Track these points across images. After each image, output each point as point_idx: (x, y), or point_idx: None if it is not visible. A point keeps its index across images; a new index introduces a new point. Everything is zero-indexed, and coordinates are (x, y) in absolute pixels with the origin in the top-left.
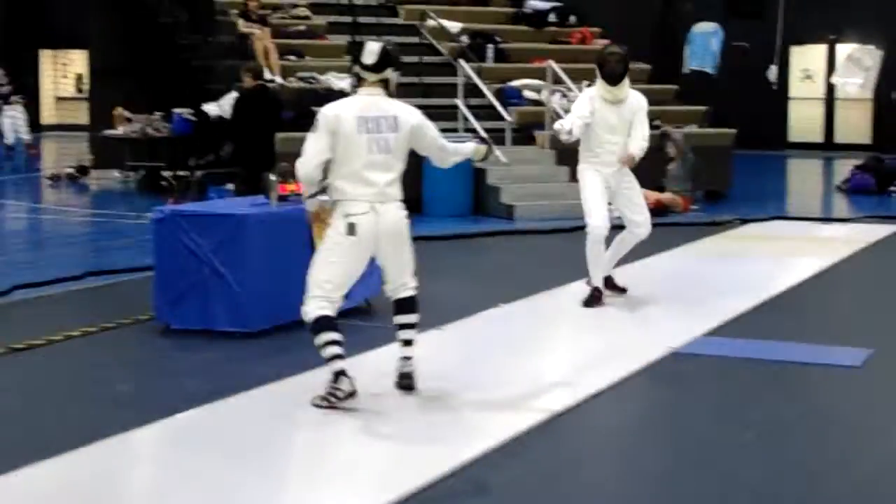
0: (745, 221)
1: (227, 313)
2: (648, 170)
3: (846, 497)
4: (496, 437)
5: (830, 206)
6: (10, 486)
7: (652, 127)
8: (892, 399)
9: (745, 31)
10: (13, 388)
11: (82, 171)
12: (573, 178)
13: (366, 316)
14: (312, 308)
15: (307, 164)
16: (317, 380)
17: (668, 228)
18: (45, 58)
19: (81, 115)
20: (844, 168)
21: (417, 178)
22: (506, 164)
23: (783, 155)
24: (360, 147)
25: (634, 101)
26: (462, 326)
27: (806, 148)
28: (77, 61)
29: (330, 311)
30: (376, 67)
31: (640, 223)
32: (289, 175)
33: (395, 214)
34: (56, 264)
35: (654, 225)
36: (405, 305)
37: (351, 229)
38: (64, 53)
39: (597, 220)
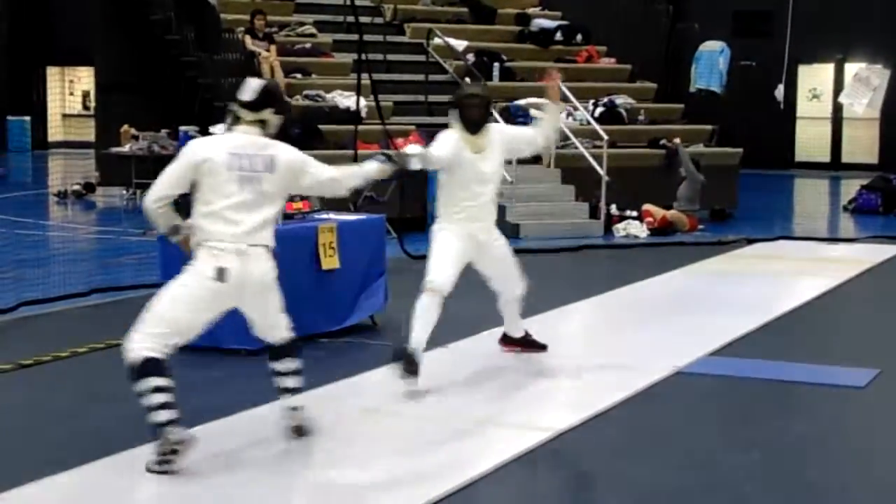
0: (751, 241)
1: (233, 331)
2: (656, 187)
3: None
4: (500, 456)
5: (837, 226)
6: (17, 501)
7: (658, 146)
8: (894, 418)
9: (752, 50)
10: (21, 404)
11: (89, 188)
12: (579, 196)
13: (371, 333)
14: (141, 346)
15: (149, 197)
16: (322, 398)
17: (674, 248)
18: (52, 75)
19: (88, 132)
20: (851, 188)
21: (423, 197)
22: (429, 170)
23: (790, 174)
24: (229, 185)
25: (498, 137)
26: (468, 344)
27: (813, 167)
28: (84, 78)
29: (160, 356)
30: (253, 105)
31: (508, 290)
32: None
33: (264, 265)
34: (62, 281)
35: (661, 244)
36: (281, 351)
37: (220, 275)
38: (71, 70)
39: (438, 276)
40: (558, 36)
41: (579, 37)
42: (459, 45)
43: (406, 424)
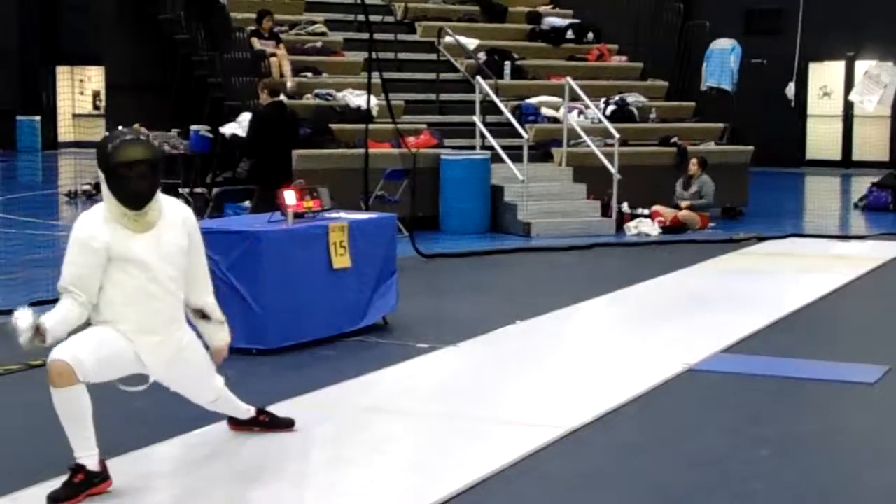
0: (762, 239)
1: (244, 330)
2: (668, 185)
3: None
4: (511, 454)
5: (847, 223)
6: (29, 503)
7: (670, 144)
8: None
9: (762, 48)
10: (31, 404)
11: (99, 188)
12: (590, 194)
13: (383, 333)
14: None
15: None
16: (331, 397)
17: (686, 246)
18: (62, 74)
19: (98, 132)
20: (862, 185)
21: (435, 196)
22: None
23: (801, 172)
24: None
25: (178, 217)
26: (479, 343)
27: (824, 165)
28: (94, 78)
29: None
30: None
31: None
32: (305, 192)
33: None
34: None
35: (673, 242)
36: None
37: None
38: (81, 70)
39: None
40: (569, 34)
41: (590, 35)
42: (471, 43)
43: (417, 423)
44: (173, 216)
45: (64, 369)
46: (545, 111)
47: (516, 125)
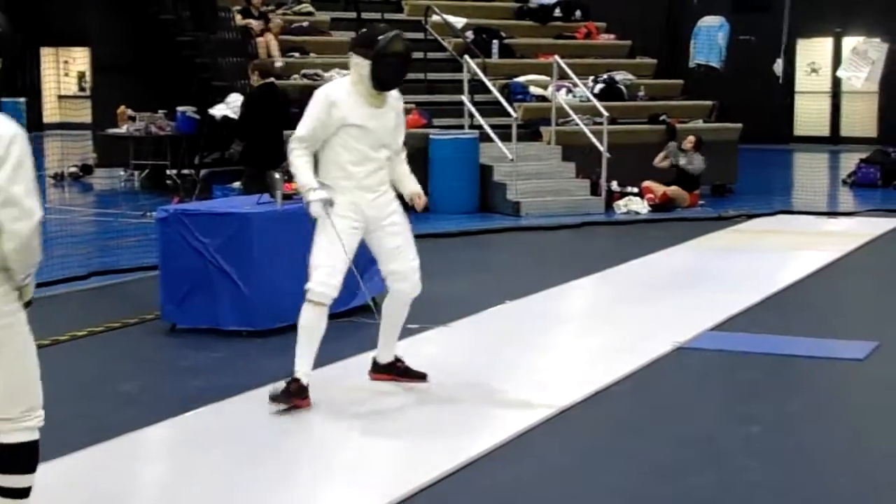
0: (751, 216)
1: (233, 312)
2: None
3: (849, 489)
4: (503, 434)
5: (836, 199)
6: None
7: (658, 122)
8: (892, 390)
9: (750, 25)
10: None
11: (86, 169)
12: (579, 173)
13: (371, 314)
14: None
15: None
16: (323, 378)
17: (675, 223)
18: (47, 56)
19: (84, 113)
20: (850, 162)
21: (424, 175)
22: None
23: (789, 149)
24: None
25: (395, 100)
26: (469, 323)
27: (812, 142)
28: (79, 59)
29: None
30: None
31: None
32: None
33: None
34: (61, 264)
35: (662, 220)
36: (6, 457)
37: None
38: (66, 51)
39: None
40: (557, 12)
41: (578, 13)
42: (458, 22)
43: (408, 403)
44: (395, 102)
45: (322, 298)
46: (534, 90)
47: (505, 104)
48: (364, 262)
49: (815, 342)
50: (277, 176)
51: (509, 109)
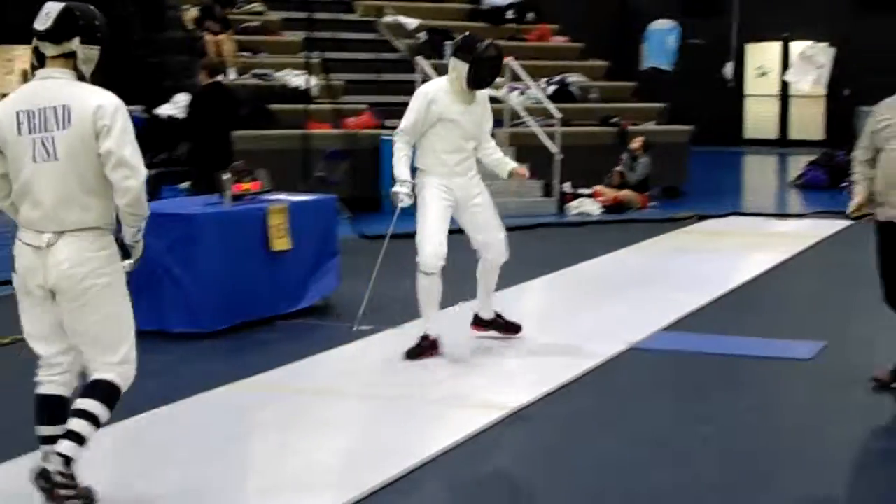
0: (701, 217)
1: (182, 314)
2: (609, 165)
3: (797, 485)
4: (458, 434)
5: (785, 201)
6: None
7: (610, 124)
8: (841, 389)
9: (701, 29)
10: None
11: None
12: (532, 175)
13: (324, 315)
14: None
15: None
16: (273, 381)
17: (627, 225)
18: None
19: None
20: (798, 164)
21: (376, 176)
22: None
23: (739, 151)
24: (24, 153)
25: (484, 98)
26: (420, 326)
27: (761, 144)
28: (22, 57)
29: (49, 389)
30: (54, 35)
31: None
32: (243, 174)
33: (69, 253)
34: None
35: (614, 222)
36: (94, 386)
37: (12, 266)
38: (8, 49)
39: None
40: (510, 14)
41: (531, 15)
42: (411, 23)
43: (359, 406)
44: (482, 98)
45: (432, 269)
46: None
47: None
48: (316, 260)
49: (765, 342)
50: (226, 176)
51: None
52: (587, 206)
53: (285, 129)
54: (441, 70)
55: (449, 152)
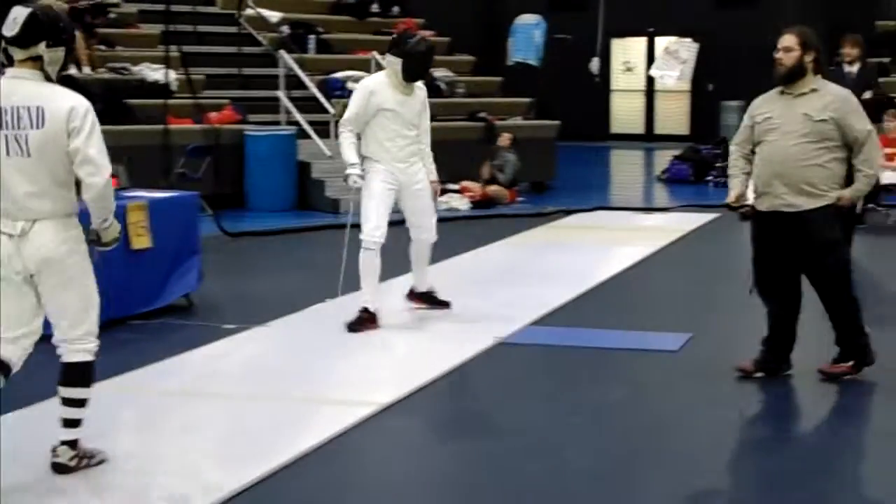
0: (569, 212)
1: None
2: (476, 160)
3: (671, 474)
4: (323, 434)
5: (651, 195)
6: None
7: (477, 119)
8: (707, 380)
9: (567, 24)
10: None
11: None
12: None
13: (188, 314)
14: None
15: None
16: (135, 382)
17: (495, 220)
18: None
19: None
20: (664, 158)
21: (239, 172)
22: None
23: (606, 146)
24: None
25: (423, 94)
26: (288, 322)
27: (627, 139)
28: None
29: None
30: (20, 41)
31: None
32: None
33: (47, 238)
34: None
35: (482, 217)
36: (69, 373)
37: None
38: None
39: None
40: (375, 7)
41: (396, 8)
42: (273, 16)
43: (225, 406)
44: (419, 91)
45: (373, 245)
46: (351, 86)
47: (322, 100)
48: (175, 258)
49: (633, 335)
50: None
51: (327, 105)
52: (455, 201)
53: (144, 125)
54: (306, 64)
55: (391, 139)
